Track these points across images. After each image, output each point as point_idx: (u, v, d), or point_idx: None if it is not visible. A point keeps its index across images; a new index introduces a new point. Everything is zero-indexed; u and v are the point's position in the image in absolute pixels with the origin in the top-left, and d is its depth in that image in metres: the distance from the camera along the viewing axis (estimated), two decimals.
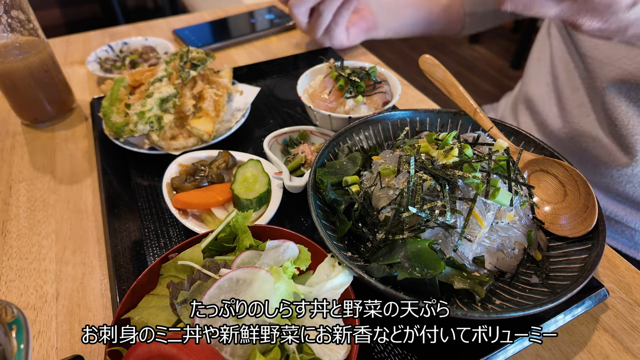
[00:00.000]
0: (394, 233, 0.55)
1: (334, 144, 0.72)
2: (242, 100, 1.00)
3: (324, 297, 0.48)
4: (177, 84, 0.91)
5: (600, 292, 0.58)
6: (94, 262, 0.71)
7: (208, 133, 0.87)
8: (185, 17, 1.55)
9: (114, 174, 0.85)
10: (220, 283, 0.47)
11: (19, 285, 0.68)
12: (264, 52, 1.32)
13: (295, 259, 0.53)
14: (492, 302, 0.53)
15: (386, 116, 0.76)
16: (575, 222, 0.59)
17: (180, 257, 0.54)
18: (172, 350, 0.41)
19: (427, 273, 0.49)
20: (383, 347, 0.56)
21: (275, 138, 0.86)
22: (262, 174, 0.75)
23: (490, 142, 0.63)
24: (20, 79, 0.93)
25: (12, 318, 0.39)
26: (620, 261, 0.67)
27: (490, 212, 0.55)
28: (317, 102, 0.86)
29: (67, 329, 0.62)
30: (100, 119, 0.93)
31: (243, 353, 0.44)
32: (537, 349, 0.57)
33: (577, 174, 0.62)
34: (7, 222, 0.79)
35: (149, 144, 0.88)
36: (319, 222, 0.57)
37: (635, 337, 0.58)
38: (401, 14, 1.27)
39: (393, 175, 0.61)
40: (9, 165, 0.91)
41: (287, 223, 0.75)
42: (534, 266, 0.58)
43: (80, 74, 1.22)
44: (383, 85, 0.87)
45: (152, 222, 0.75)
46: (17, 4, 0.87)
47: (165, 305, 0.50)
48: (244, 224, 0.57)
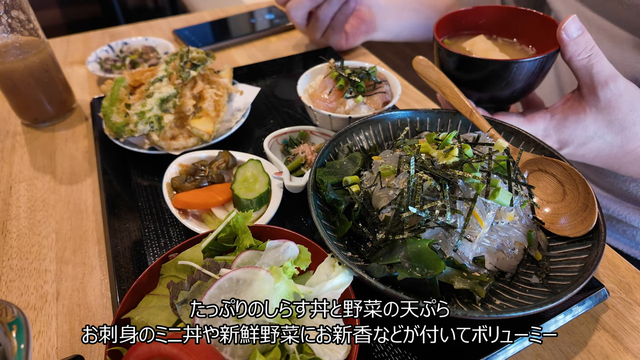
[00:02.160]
0: (394, 233, 0.55)
1: (334, 144, 0.72)
2: (242, 100, 1.00)
3: (324, 297, 0.48)
4: (177, 84, 0.91)
5: (601, 292, 0.58)
6: (94, 262, 0.71)
7: (208, 133, 0.87)
8: (185, 17, 1.55)
9: (114, 174, 0.85)
10: (221, 283, 0.47)
11: (19, 285, 0.68)
12: (264, 52, 1.32)
13: (296, 259, 0.53)
14: (492, 302, 0.53)
15: (386, 116, 0.76)
16: (575, 221, 0.59)
17: (180, 257, 0.54)
18: (172, 350, 0.41)
19: (427, 273, 0.49)
20: (383, 347, 0.56)
21: (275, 138, 0.86)
22: (262, 174, 0.75)
23: (491, 142, 0.63)
24: (21, 79, 0.93)
25: (12, 318, 0.39)
26: (620, 261, 0.67)
27: (490, 212, 0.55)
28: (317, 102, 0.86)
29: (67, 329, 0.62)
30: (100, 119, 0.93)
31: (243, 353, 0.44)
32: (537, 349, 0.57)
33: (576, 173, 0.62)
34: (7, 222, 0.79)
35: (149, 144, 0.88)
36: (319, 222, 0.57)
37: (635, 337, 0.58)
38: (401, 16, 1.27)
39: (393, 175, 0.61)
40: (9, 165, 0.91)
41: (287, 223, 0.75)
42: (534, 266, 0.58)
43: (80, 74, 1.22)
44: (383, 85, 0.87)
45: (152, 222, 0.75)
46: (17, 4, 0.87)
47: (165, 305, 0.50)
48: (244, 224, 0.57)
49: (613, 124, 0.71)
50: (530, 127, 0.74)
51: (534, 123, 0.75)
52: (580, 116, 0.72)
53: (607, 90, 0.68)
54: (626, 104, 0.70)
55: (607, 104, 0.70)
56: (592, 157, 0.77)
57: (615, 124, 0.71)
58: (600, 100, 0.70)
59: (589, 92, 0.70)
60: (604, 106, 0.70)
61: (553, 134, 0.75)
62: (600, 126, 0.72)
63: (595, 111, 0.71)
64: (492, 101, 0.80)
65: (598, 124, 0.72)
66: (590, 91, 0.70)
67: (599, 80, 0.68)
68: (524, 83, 0.73)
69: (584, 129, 0.73)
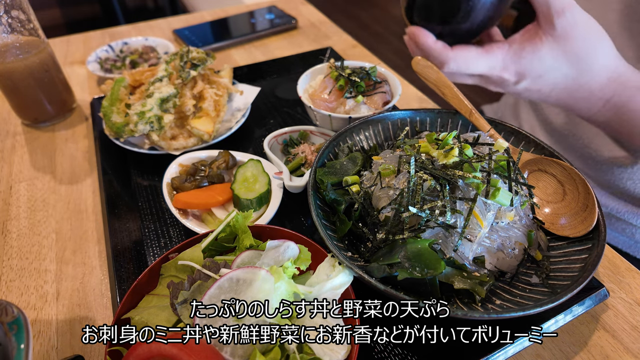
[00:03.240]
0: (394, 233, 0.55)
1: (334, 144, 0.72)
2: (242, 100, 1.00)
3: (324, 297, 0.48)
4: (177, 84, 0.91)
5: (601, 292, 0.58)
6: (94, 262, 0.71)
7: (208, 133, 0.87)
8: (185, 17, 1.55)
9: (114, 174, 0.85)
10: (221, 283, 0.47)
11: (19, 285, 0.68)
12: (264, 52, 1.32)
13: (296, 259, 0.53)
14: (492, 302, 0.53)
15: (386, 116, 0.76)
16: (575, 221, 0.59)
17: (180, 257, 0.54)
18: (172, 350, 0.41)
19: (427, 273, 0.49)
20: (383, 347, 0.56)
21: (275, 138, 0.86)
22: (262, 174, 0.75)
23: (491, 142, 0.63)
24: (21, 79, 0.93)
25: (12, 318, 0.39)
26: (620, 261, 0.67)
27: (490, 212, 0.55)
28: (317, 102, 0.86)
29: (67, 329, 0.62)
30: (100, 119, 0.93)
31: (243, 353, 0.44)
32: (537, 349, 0.57)
33: (576, 173, 0.62)
34: (7, 222, 0.79)
35: (149, 144, 0.88)
36: (319, 222, 0.57)
37: (635, 337, 0.58)
38: None
39: (393, 175, 0.61)
40: (9, 165, 0.91)
41: (287, 223, 0.75)
42: (534, 266, 0.58)
43: (80, 74, 1.22)
44: (383, 85, 0.87)
45: (152, 222, 0.75)
46: (17, 4, 0.87)
47: (165, 305, 0.50)
48: (244, 224, 0.57)
49: (568, 54, 0.72)
50: (489, 58, 0.75)
51: (492, 54, 0.75)
52: (537, 46, 0.73)
53: (564, 18, 0.69)
54: (582, 34, 0.71)
55: (563, 32, 0.70)
56: (549, 91, 0.78)
57: (571, 54, 0.72)
58: (557, 29, 0.70)
59: (546, 21, 0.71)
60: (559, 35, 0.71)
61: (511, 65, 0.75)
62: (556, 57, 0.73)
63: (552, 40, 0.72)
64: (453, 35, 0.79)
65: (554, 53, 0.73)
66: (547, 19, 0.71)
67: (555, 8, 0.69)
68: (483, 14, 0.74)
69: (540, 60, 0.74)
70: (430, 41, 0.77)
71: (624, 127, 0.80)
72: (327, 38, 1.38)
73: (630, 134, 0.80)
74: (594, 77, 0.75)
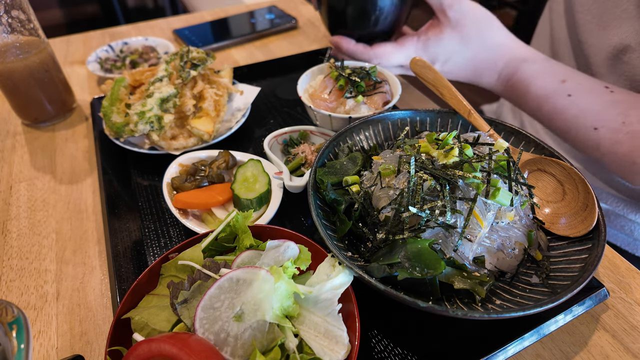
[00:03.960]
0: (394, 233, 0.55)
1: (334, 144, 0.72)
2: (242, 100, 1.00)
3: (324, 297, 0.48)
4: (177, 83, 0.91)
5: (601, 292, 0.58)
6: (94, 262, 0.71)
7: (208, 133, 0.87)
8: (185, 17, 1.55)
9: (114, 174, 0.85)
10: (221, 283, 0.47)
11: (20, 285, 0.68)
12: (264, 52, 1.32)
13: (296, 259, 0.53)
14: (493, 302, 0.53)
15: (386, 116, 0.76)
16: (575, 221, 0.59)
17: (180, 257, 0.54)
18: (172, 350, 0.41)
19: (427, 273, 0.49)
20: (383, 347, 0.56)
21: (275, 138, 0.86)
22: (262, 174, 0.75)
23: (491, 142, 0.63)
24: (21, 79, 0.93)
25: (12, 318, 0.39)
26: (620, 261, 0.67)
27: (490, 212, 0.55)
28: (317, 102, 0.86)
29: (67, 329, 0.62)
30: (100, 119, 0.93)
31: (243, 353, 0.44)
32: (537, 349, 0.57)
33: (575, 172, 0.62)
34: (7, 222, 0.79)
35: (149, 144, 0.88)
36: (319, 222, 0.57)
37: (635, 337, 0.58)
38: None
39: (393, 175, 0.61)
40: (9, 165, 0.91)
41: (287, 223, 0.75)
42: (535, 266, 0.58)
43: (80, 74, 1.22)
44: (383, 85, 0.87)
45: (153, 222, 0.75)
46: (17, 4, 0.87)
47: (165, 305, 0.50)
48: (244, 223, 0.57)
49: (465, 38, 0.88)
50: (403, 50, 0.92)
51: (405, 47, 0.92)
52: (439, 35, 0.89)
53: (454, 10, 0.86)
54: (472, 20, 0.87)
55: (457, 22, 0.87)
56: (457, 71, 0.94)
57: (466, 38, 0.88)
58: (451, 20, 0.87)
59: (442, 15, 0.88)
60: (454, 24, 0.87)
61: (422, 53, 0.91)
62: (456, 42, 0.89)
63: (450, 29, 0.88)
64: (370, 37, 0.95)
65: (454, 40, 0.89)
66: (442, 13, 0.88)
67: (446, 3, 0.86)
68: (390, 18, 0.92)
69: (444, 47, 0.90)
70: (352, 45, 0.94)
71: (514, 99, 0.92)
72: (327, 38, 1.38)
73: (519, 105, 0.93)
74: (489, 53, 0.90)
